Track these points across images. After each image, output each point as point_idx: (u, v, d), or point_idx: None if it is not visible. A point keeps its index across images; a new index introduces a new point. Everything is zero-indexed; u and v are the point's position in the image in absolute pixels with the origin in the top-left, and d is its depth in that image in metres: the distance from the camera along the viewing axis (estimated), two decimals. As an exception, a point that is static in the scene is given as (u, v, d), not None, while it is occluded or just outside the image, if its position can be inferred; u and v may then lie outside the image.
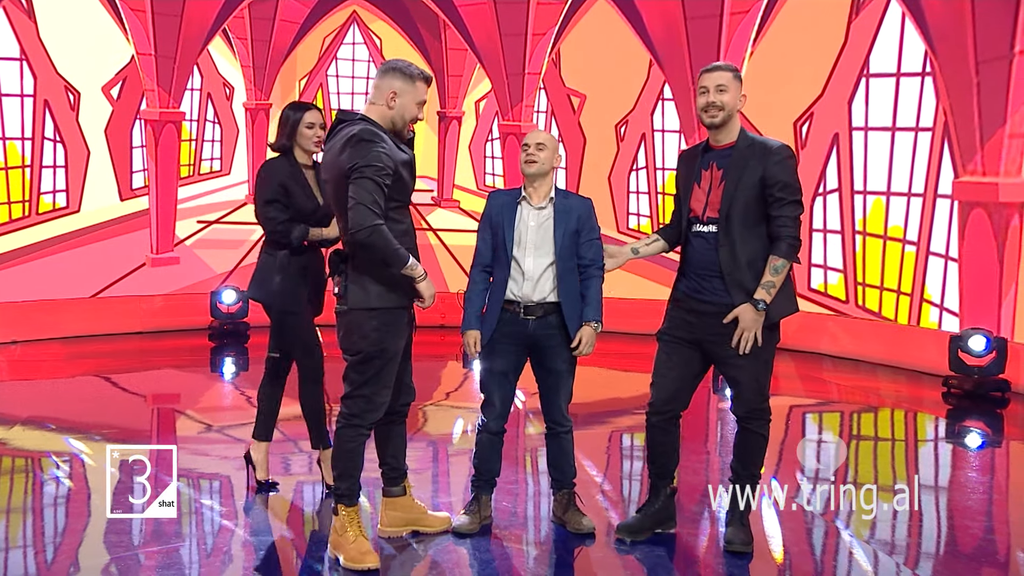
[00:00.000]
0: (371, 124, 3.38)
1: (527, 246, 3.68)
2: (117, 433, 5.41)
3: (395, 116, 3.43)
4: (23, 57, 7.79)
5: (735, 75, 3.42)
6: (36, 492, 4.49)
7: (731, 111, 3.39)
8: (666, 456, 3.65)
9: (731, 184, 3.37)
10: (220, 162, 8.89)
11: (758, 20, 7.91)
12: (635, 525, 3.68)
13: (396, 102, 3.42)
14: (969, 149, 6.68)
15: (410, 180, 3.49)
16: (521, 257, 3.67)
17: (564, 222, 3.67)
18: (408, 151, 3.51)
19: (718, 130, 3.43)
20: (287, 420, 5.78)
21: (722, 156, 3.43)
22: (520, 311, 3.66)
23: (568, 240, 3.67)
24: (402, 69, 3.47)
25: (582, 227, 3.70)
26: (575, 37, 8.70)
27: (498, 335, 3.71)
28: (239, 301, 8.14)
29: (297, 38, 8.90)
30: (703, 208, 3.45)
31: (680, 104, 8.21)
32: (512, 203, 3.73)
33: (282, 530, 3.88)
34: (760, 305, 3.35)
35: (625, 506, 4.23)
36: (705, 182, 3.45)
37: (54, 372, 7.16)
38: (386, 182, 3.31)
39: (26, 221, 7.91)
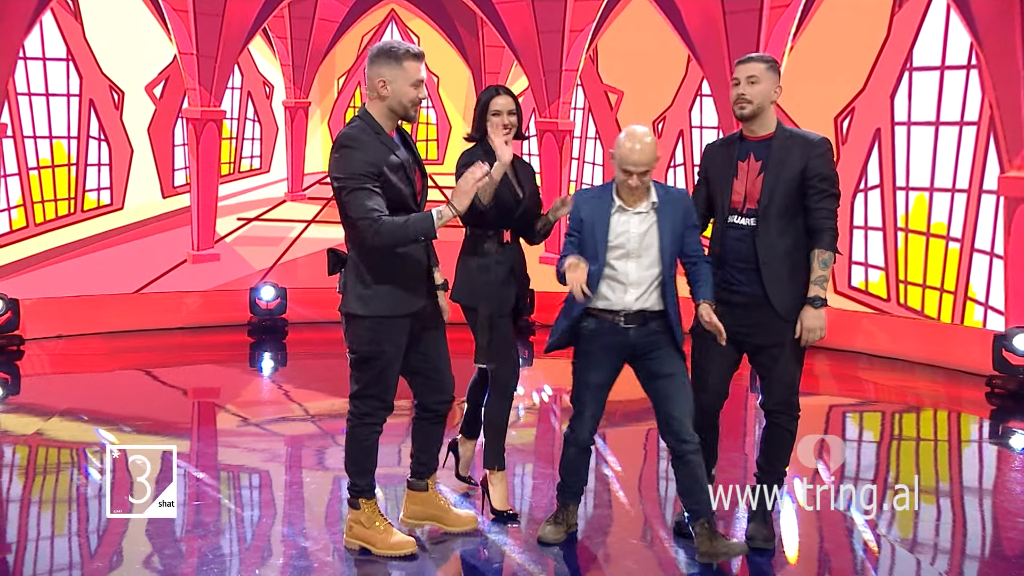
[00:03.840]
0: (367, 120, 3.27)
1: (629, 253, 3.40)
2: (154, 426, 5.50)
3: (392, 104, 3.26)
4: (69, 57, 7.90)
5: (769, 67, 3.42)
6: (73, 483, 4.56)
7: (762, 103, 3.39)
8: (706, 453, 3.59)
9: (772, 175, 3.38)
10: (260, 160, 8.94)
11: (798, 14, 7.80)
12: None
13: (388, 89, 3.24)
14: (1016, 143, 6.56)
15: (402, 183, 3.28)
16: (623, 266, 3.39)
17: (670, 225, 3.39)
18: (401, 151, 3.31)
19: (751, 121, 3.43)
20: (322, 416, 5.90)
21: (760, 147, 3.42)
22: (620, 320, 3.41)
23: (674, 245, 3.41)
24: (386, 52, 3.27)
25: (685, 223, 3.43)
26: (612, 33, 8.65)
27: (594, 346, 3.45)
28: (277, 297, 8.22)
29: (336, 37, 8.93)
30: (743, 200, 3.44)
31: (719, 100, 8.15)
32: (604, 206, 3.41)
33: (320, 523, 3.92)
34: (817, 303, 3.37)
35: (662, 505, 4.22)
36: (743, 173, 3.44)
37: (95, 366, 7.25)
38: (373, 185, 3.17)
39: (71, 218, 8.01)
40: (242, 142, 8.82)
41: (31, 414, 5.90)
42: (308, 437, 5.52)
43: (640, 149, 3.30)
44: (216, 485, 4.40)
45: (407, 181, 3.29)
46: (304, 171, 9.05)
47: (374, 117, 3.28)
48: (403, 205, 3.28)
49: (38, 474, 4.78)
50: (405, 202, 3.29)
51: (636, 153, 3.29)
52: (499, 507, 3.81)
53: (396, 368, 3.43)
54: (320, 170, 9.09)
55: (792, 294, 3.41)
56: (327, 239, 8.76)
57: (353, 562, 3.50)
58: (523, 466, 4.69)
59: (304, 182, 9.05)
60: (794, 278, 3.41)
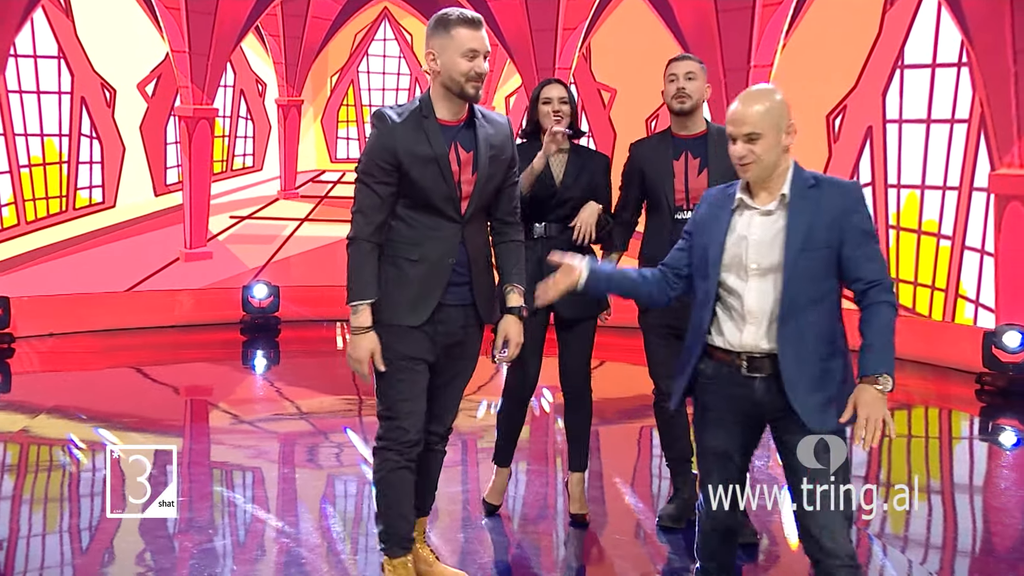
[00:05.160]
0: (421, 101, 2.86)
1: (747, 267, 2.50)
2: (145, 423, 5.48)
3: (444, 80, 2.80)
4: (61, 55, 7.88)
5: (702, 67, 3.56)
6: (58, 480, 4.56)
7: (699, 99, 3.52)
8: (683, 439, 3.66)
9: (716, 171, 3.45)
10: (252, 158, 8.92)
11: (791, 12, 7.82)
12: (675, 513, 3.72)
13: (438, 62, 2.79)
14: (1006, 141, 6.58)
15: (429, 179, 2.82)
16: (740, 286, 2.50)
17: (804, 228, 2.45)
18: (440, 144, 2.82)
19: (687, 117, 3.52)
20: (314, 414, 5.89)
21: (695, 144, 3.53)
22: (742, 366, 2.51)
23: (808, 257, 2.45)
24: (435, 20, 2.83)
25: (845, 230, 2.45)
26: (605, 32, 8.67)
27: (710, 397, 2.60)
28: (270, 295, 8.21)
29: (329, 35, 8.93)
30: (685, 197, 3.50)
31: (712, 97, 8.16)
32: (724, 201, 2.58)
33: (312, 521, 3.92)
34: None
35: (655, 500, 4.24)
36: (680, 171, 3.52)
37: (87, 364, 7.24)
38: (377, 179, 2.81)
39: (63, 216, 7.99)
40: (235, 140, 8.80)
41: (19, 412, 5.88)
42: (301, 435, 5.52)
43: (743, 101, 2.51)
44: (208, 482, 4.39)
45: (439, 178, 2.83)
46: (297, 169, 9.05)
47: (430, 97, 2.86)
48: (429, 205, 2.85)
49: (23, 472, 4.76)
50: (432, 203, 2.85)
51: (737, 108, 2.50)
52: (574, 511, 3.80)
53: (407, 383, 2.93)
54: (313, 168, 9.11)
55: None
56: (320, 237, 8.83)
57: (344, 559, 3.51)
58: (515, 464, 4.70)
59: (297, 180, 9.05)
60: None
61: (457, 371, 3.07)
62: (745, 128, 2.46)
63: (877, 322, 2.42)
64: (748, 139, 2.46)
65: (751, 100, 2.49)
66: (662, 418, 3.68)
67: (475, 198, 2.89)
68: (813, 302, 2.45)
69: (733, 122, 2.48)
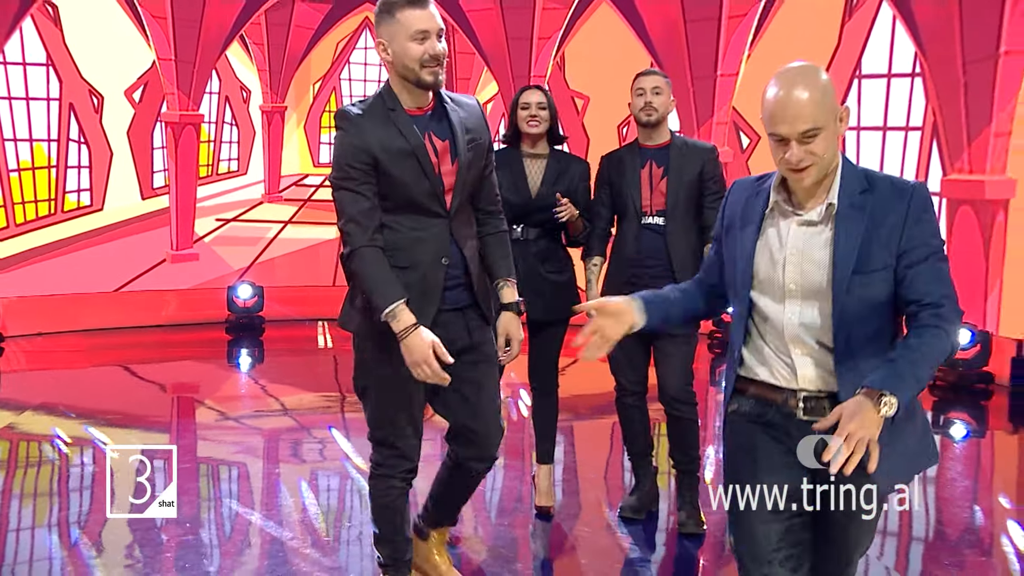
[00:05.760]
0: (384, 94, 2.56)
1: (785, 288, 1.95)
2: (131, 420, 5.46)
3: (398, 69, 2.49)
4: (49, 62, 7.83)
5: (667, 81, 3.61)
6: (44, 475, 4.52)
7: (664, 112, 3.57)
8: (643, 435, 3.71)
9: (675, 180, 3.54)
10: (237, 162, 8.90)
11: (755, 23, 7.87)
12: (635, 504, 3.75)
13: (390, 51, 2.49)
14: (957, 147, 6.68)
15: (409, 174, 2.51)
16: (775, 311, 1.96)
17: (855, 245, 1.89)
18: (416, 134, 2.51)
19: (653, 129, 3.58)
20: (298, 410, 5.87)
21: (659, 154, 3.58)
22: (797, 407, 1.95)
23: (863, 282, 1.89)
24: (380, 5, 2.53)
25: (905, 242, 1.88)
26: (579, 41, 8.69)
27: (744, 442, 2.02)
28: (255, 296, 8.19)
29: (311, 43, 8.91)
30: (650, 203, 3.56)
31: (680, 105, 8.22)
32: (754, 202, 2.01)
33: (296, 514, 3.92)
34: None
35: (623, 491, 4.28)
36: (646, 179, 3.58)
37: (75, 363, 7.21)
38: (359, 181, 2.50)
39: (52, 219, 7.95)
40: (220, 145, 8.78)
41: (5, 408, 5.85)
42: (285, 430, 5.50)
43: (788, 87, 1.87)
44: (195, 476, 4.38)
45: (419, 173, 2.52)
46: (281, 173, 9.03)
47: (392, 89, 2.54)
48: (412, 204, 2.54)
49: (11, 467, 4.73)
50: (415, 201, 2.54)
51: (783, 97, 1.86)
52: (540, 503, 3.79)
53: (400, 402, 2.63)
54: (296, 172, 9.09)
55: None
56: (304, 239, 8.86)
57: (327, 551, 3.52)
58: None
59: (281, 184, 9.03)
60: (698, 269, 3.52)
61: (479, 380, 2.68)
62: (802, 125, 1.83)
63: (917, 341, 1.83)
64: (805, 137, 1.84)
65: (799, 85, 1.85)
66: (623, 414, 3.71)
67: (459, 188, 2.58)
68: (872, 338, 1.90)
69: (784, 119, 1.85)
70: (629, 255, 3.59)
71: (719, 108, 8.03)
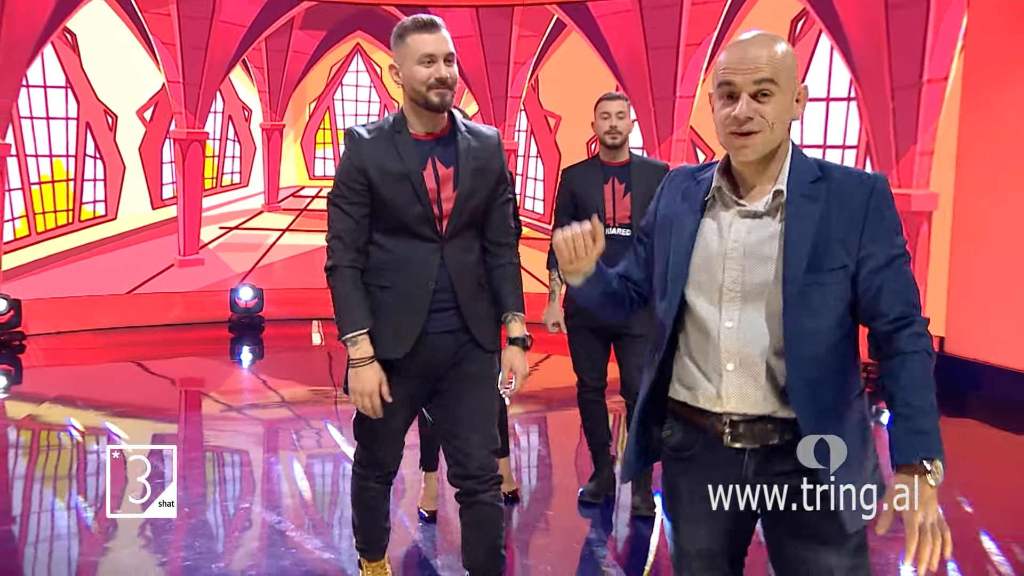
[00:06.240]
0: (397, 116, 2.41)
1: (723, 288, 1.58)
2: (143, 411, 5.45)
3: (408, 92, 2.35)
4: (68, 85, 7.81)
5: (629, 105, 3.63)
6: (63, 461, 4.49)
7: (627, 134, 3.57)
8: (602, 427, 3.73)
9: (638, 194, 3.52)
10: (239, 175, 8.88)
11: (709, 50, 7.94)
12: (594, 490, 3.77)
13: (401, 74, 2.35)
14: (887, 164, 6.79)
15: (401, 198, 2.34)
16: (711, 316, 1.58)
17: (808, 239, 1.53)
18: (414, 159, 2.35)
19: (617, 150, 3.58)
20: (295, 402, 5.85)
21: (620, 171, 3.58)
22: (724, 432, 1.59)
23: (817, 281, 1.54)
24: (394, 32, 2.38)
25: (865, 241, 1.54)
26: (551, 65, 8.74)
27: (683, 480, 1.66)
28: (255, 297, 8.19)
29: (307, 67, 8.92)
30: (614, 215, 3.55)
31: (642, 123, 8.29)
32: (692, 191, 1.66)
33: (293, 500, 3.91)
34: None
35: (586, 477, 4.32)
36: (609, 193, 3.58)
37: (90, 359, 7.17)
38: (349, 200, 2.36)
39: (70, 227, 7.93)
40: (224, 160, 8.76)
41: (27, 401, 5.86)
42: (283, 421, 5.50)
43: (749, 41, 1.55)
44: (201, 463, 4.38)
45: (412, 196, 2.35)
46: (279, 185, 9.02)
47: (403, 113, 2.40)
48: (403, 227, 2.37)
49: (34, 453, 4.73)
50: (406, 224, 2.37)
51: (740, 48, 1.54)
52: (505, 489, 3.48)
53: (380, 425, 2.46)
54: (293, 184, 9.09)
55: None
56: (300, 245, 8.84)
57: (320, 532, 3.51)
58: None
59: (279, 195, 9.02)
60: None
61: (460, 393, 2.46)
62: (758, 73, 1.49)
63: (912, 380, 1.50)
64: (758, 93, 1.50)
65: (762, 41, 1.53)
66: (584, 407, 3.72)
67: (455, 215, 2.39)
68: (829, 349, 1.54)
69: (740, 67, 1.51)
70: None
71: (678, 126, 8.08)
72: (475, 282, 2.46)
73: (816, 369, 1.54)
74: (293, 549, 3.29)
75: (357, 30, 8.88)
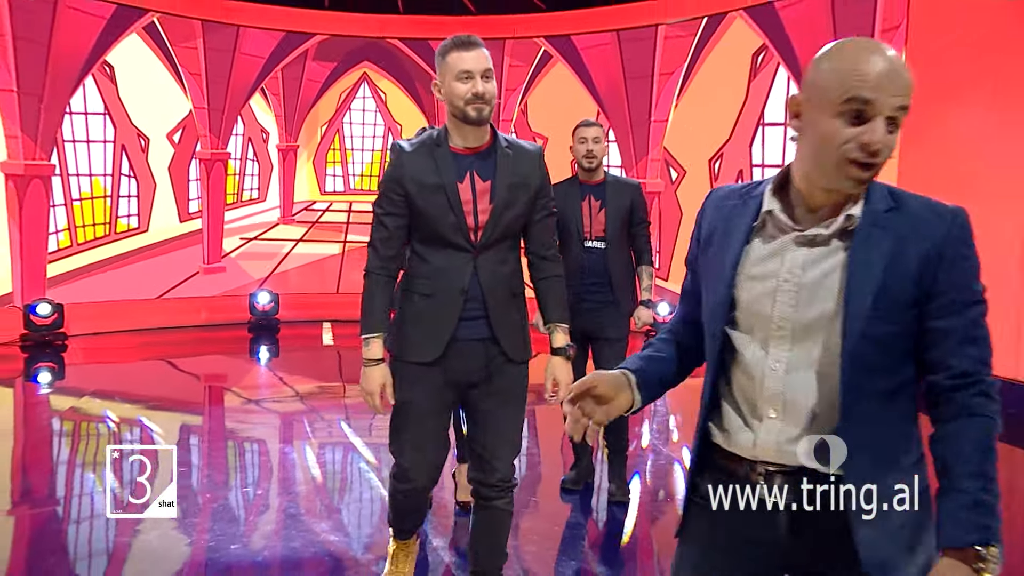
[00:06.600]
0: (440, 129, 2.32)
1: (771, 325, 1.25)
2: (168, 403, 5.49)
3: (448, 106, 2.26)
4: (106, 111, 7.88)
5: (602, 129, 3.62)
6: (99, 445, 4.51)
7: (602, 156, 3.57)
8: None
9: (612, 211, 3.53)
10: (258, 191, 8.94)
11: (680, 79, 8.04)
12: (575, 478, 3.77)
13: (442, 91, 2.26)
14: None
15: (436, 208, 2.25)
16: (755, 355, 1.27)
17: (877, 272, 1.19)
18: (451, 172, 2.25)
19: (594, 171, 3.56)
20: (308, 396, 5.84)
21: (596, 190, 3.57)
22: (760, 483, 1.26)
23: (884, 320, 1.19)
24: (437, 51, 2.28)
25: (938, 282, 1.19)
26: (539, 91, 8.83)
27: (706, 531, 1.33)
28: (272, 301, 8.24)
29: (319, 94, 8.98)
30: (590, 230, 3.53)
31: (621, 144, 8.38)
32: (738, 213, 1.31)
33: (307, 484, 3.89)
34: (650, 304, 3.60)
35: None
36: (586, 210, 3.55)
37: (125, 357, 7.19)
38: (385, 210, 2.29)
39: (107, 239, 7.99)
40: (244, 177, 8.82)
41: (70, 394, 5.88)
42: (297, 413, 5.45)
43: (886, 56, 1.17)
44: (224, 451, 4.39)
45: (447, 207, 2.25)
46: (293, 200, 9.07)
47: (446, 128, 2.31)
48: (439, 237, 2.27)
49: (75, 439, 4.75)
50: (441, 234, 2.27)
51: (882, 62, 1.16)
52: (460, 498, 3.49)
53: (406, 424, 2.35)
54: (306, 199, 9.13)
55: (630, 298, 3.60)
56: (312, 254, 8.92)
57: (332, 519, 3.45)
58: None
59: (293, 209, 9.07)
60: (631, 287, 3.61)
61: (490, 410, 2.35)
62: (902, 98, 1.16)
63: (972, 449, 1.17)
64: (891, 120, 1.17)
65: (899, 60, 1.19)
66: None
67: (490, 227, 2.27)
68: (885, 396, 1.22)
69: (882, 84, 1.15)
70: (574, 273, 3.55)
71: (653, 147, 8.18)
72: (507, 293, 2.34)
73: (872, 423, 1.21)
74: (304, 532, 3.26)
75: (364, 61, 8.98)
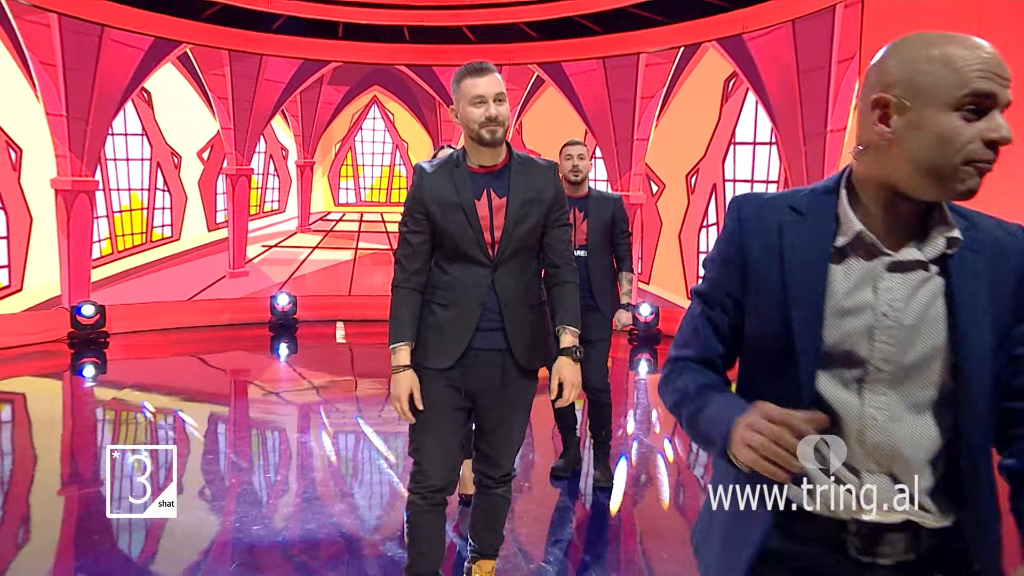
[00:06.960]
0: (459, 151, 2.28)
1: (870, 366, 0.97)
2: (198, 395, 5.56)
3: (464, 129, 2.22)
4: (144, 132, 7.95)
5: (587, 149, 3.62)
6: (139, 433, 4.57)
7: (586, 172, 3.56)
8: (569, 414, 3.69)
9: (594, 222, 3.52)
10: (278, 203, 8.99)
11: (660, 101, 8.08)
12: (563, 465, 3.77)
13: (459, 115, 2.21)
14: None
15: (455, 225, 2.19)
16: (849, 402, 0.98)
17: (982, 300, 0.95)
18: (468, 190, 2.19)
19: (579, 185, 3.55)
20: (324, 388, 5.85)
21: (581, 203, 3.55)
22: (850, 544, 0.98)
23: (998, 353, 0.96)
24: (453, 77, 2.22)
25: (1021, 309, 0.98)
26: (533, 112, 8.87)
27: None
28: (291, 303, 8.27)
29: (334, 115, 9.03)
30: (574, 239, 3.45)
31: (607, 160, 8.45)
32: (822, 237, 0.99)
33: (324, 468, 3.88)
34: (628, 307, 3.62)
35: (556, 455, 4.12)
36: (571, 221, 3.39)
37: (159, 353, 7.23)
38: (409, 228, 2.24)
39: (143, 247, 8.06)
40: (265, 190, 8.87)
41: (112, 387, 5.95)
42: (314, 404, 5.45)
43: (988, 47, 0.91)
44: (248, 438, 4.42)
45: (465, 224, 2.19)
46: (310, 211, 9.11)
47: (464, 149, 2.27)
48: (459, 252, 2.22)
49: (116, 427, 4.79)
50: (461, 249, 2.21)
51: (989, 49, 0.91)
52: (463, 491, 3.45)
53: (427, 425, 2.25)
54: (321, 210, 9.16)
55: (611, 301, 3.59)
56: (327, 260, 8.96)
57: (345, 501, 3.43)
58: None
59: (310, 219, 9.11)
60: (611, 291, 3.62)
61: (500, 418, 2.31)
62: (1010, 91, 0.94)
63: None
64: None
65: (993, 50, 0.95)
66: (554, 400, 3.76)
67: (505, 241, 2.22)
68: (988, 441, 1.01)
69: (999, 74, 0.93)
70: None
71: (635, 163, 8.23)
72: (524, 306, 2.26)
73: (986, 466, 0.99)
74: (320, 513, 3.25)
75: (374, 85, 9.04)
